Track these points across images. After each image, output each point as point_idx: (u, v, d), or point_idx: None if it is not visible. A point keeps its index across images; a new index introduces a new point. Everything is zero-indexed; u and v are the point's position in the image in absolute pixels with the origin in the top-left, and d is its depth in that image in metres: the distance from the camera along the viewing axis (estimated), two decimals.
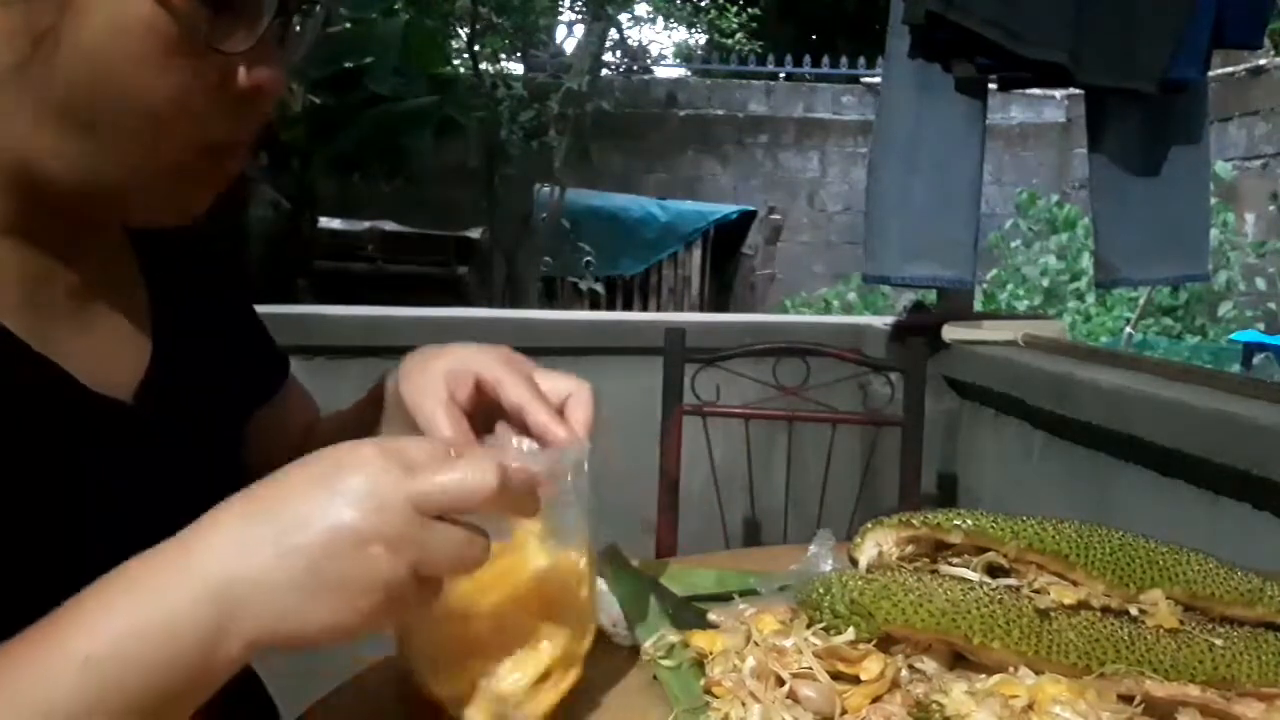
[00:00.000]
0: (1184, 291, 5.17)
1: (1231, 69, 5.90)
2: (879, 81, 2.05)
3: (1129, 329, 5.01)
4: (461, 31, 7.37)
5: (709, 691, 0.61)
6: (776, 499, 1.78)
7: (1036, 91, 7.61)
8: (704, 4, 14.57)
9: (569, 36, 9.50)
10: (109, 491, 0.58)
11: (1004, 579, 0.65)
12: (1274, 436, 1.21)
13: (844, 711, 0.56)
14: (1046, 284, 5.53)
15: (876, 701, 0.57)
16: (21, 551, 0.52)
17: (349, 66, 5.92)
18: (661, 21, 14.73)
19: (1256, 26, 1.67)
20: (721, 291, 7.84)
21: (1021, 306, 5.39)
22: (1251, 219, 5.86)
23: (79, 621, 0.45)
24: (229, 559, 0.46)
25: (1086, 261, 5.32)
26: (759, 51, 9.38)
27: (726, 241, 7.73)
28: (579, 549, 0.61)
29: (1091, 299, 5.36)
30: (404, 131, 6.13)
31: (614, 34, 8.23)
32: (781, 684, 0.57)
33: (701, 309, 7.46)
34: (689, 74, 9.95)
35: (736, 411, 1.64)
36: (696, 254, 7.65)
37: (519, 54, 8.39)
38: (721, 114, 8.22)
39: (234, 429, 0.73)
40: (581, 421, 0.65)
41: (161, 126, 0.52)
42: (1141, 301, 5.17)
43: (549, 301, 7.14)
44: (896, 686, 0.59)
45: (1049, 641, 0.61)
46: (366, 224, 7.04)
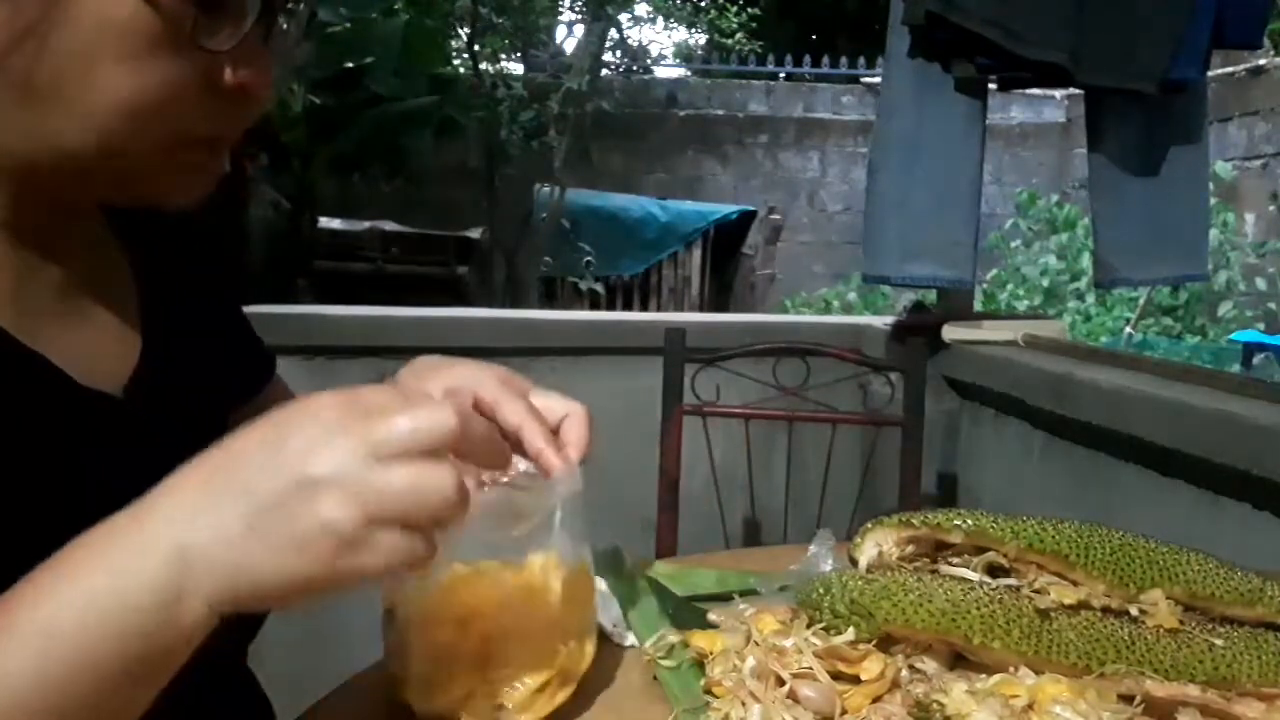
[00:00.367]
0: (1184, 291, 5.17)
1: (1231, 69, 5.90)
2: (879, 81, 2.05)
3: (1129, 329, 5.01)
4: (461, 31, 7.37)
5: (709, 691, 0.61)
6: (776, 499, 1.78)
7: (1036, 91, 7.61)
8: (704, 4, 14.57)
9: (569, 36, 9.52)
10: (99, 486, 0.58)
11: (1004, 579, 0.65)
12: (1274, 436, 1.21)
13: (844, 711, 0.56)
14: (1046, 284, 5.53)
15: (876, 701, 0.57)
16: (10, 545, 0.52)
17: (349, 66, 5.92)
18: (661, 21, 14.73)
19: (1256, 26, 1.67)
20: (721, 291, 7.83)
21: (1021, 306, 5.39)
22: (1251, 219, 5.86)
23: (37, 592, 0.45)
24: (182, 521, 0.46)
25: (1086, 261, 5.32)
26: (759, 51, 9.38)
27: (726, 241, 7.73)
28: (573, 570, 0.61)
29: (1091, 299, 5.36)
30: (404, 131, 6.13)
31: (614, 34, 8.23)
32: (781, 684, 0.57)
33: (701, 309, 7.46)
34: (689, 74, 9.95)
35: (736, 411, 1.64)
36: (696, 254, 7.65)
37: (519, 54, 8.39)
38: (721, 114, 8.22)
39: (219, 426, 0.73)
40: (576, 443, 0.66)
41: (145, 122, 0.52)
42: (1141, 301, 5.17)
43: (549, 301, 7.15)
44: (896, 686, 0.59)
45: (1049, 641, 0.61)
46: (366, 224, 7.05)
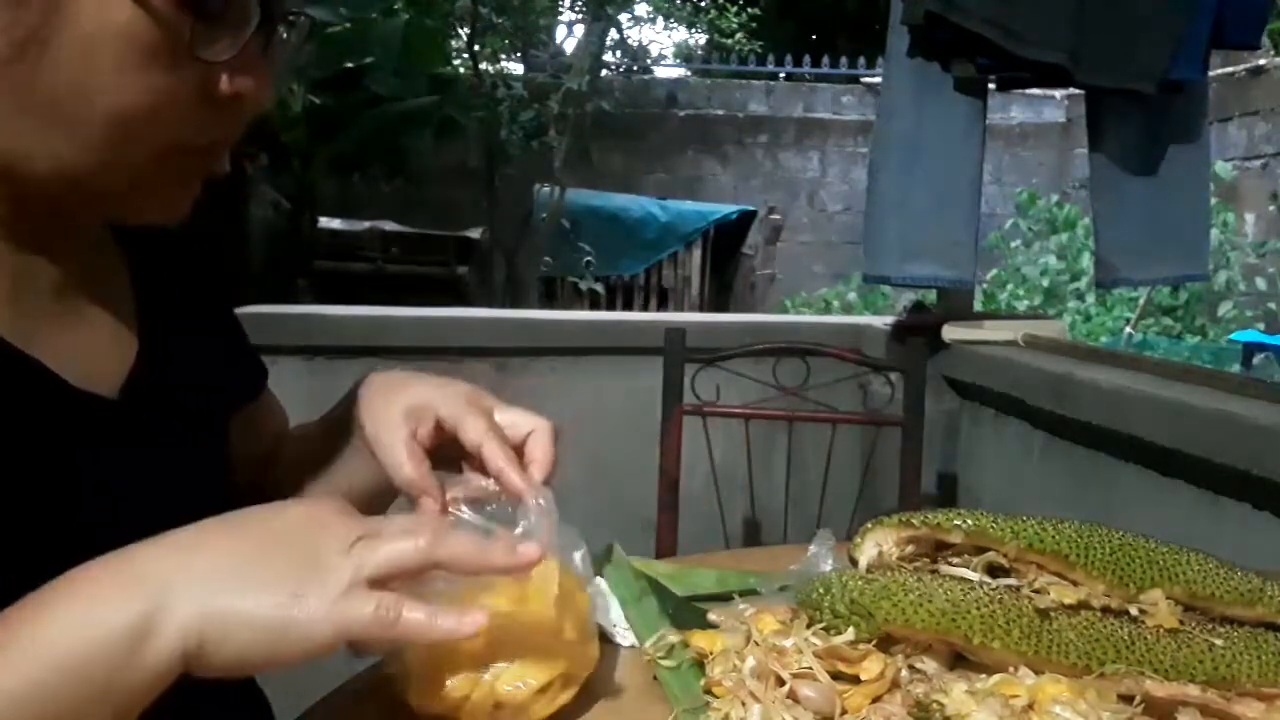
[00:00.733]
0: (1184, 291, 5.17)
1: (1231, 69, 5.90)
2: (879, 81, 2.05)
3: (1129, 329, 5.01)
4: (461, 31, 7.37)
5: (709, 691, 0.61)
6: (776, 499, 1.78)
7: (1036, 91, 7.61)
8: (704, 4, 14.56)
9: (569, 36, 9.52)
10: (95, 487, 0.58)
11: (1004, 579, 0.65)
12: (1274, 436, 1.21)
13: (844, 711, 0.56)
14: (1046, 284, 5.53)
15: (876, 701, 0.57)
16: (6, 547, 0.52)
17: (349, 66, 5.91)
18: (661, 21, 14.73)
19: (1256, 26, 1.67)
20: (721, 291, 7.83)
21: (1021, 306, 5.39)
22: (1251, 219, 5.86)
23: (20, 612, 0.47)
24: (168, 560, 0.49)
25: (1086, 261, 5.32)
26: (759, 51, 9.38)
27: (726, 241, 7.73)
28: (566, 575, 0.61)
29: (1091, 299, 5.36)
30: (404, 131, 6.13)
31: (614, 34, 8.23)
32: (781, 684, 0.57)
33: (701, 309, 7.46)
34: (689, 74, 9.94)
35: (736, 411, 1.64)
36: (696, 254, 7.64)
37: (519, 54, 8.39)
38: (721, 114, 8.22)
39: (219, 426, 0.73)
40: (541, 461, 0.66)
41: (141, 130, 0.52)
42: (1141, 301, 5.17)
43: (549, 301, 7.14)
44: (896, 686, 0.59)
45: (1049, 641, 0.61)
46: (366, 224, 7.05)
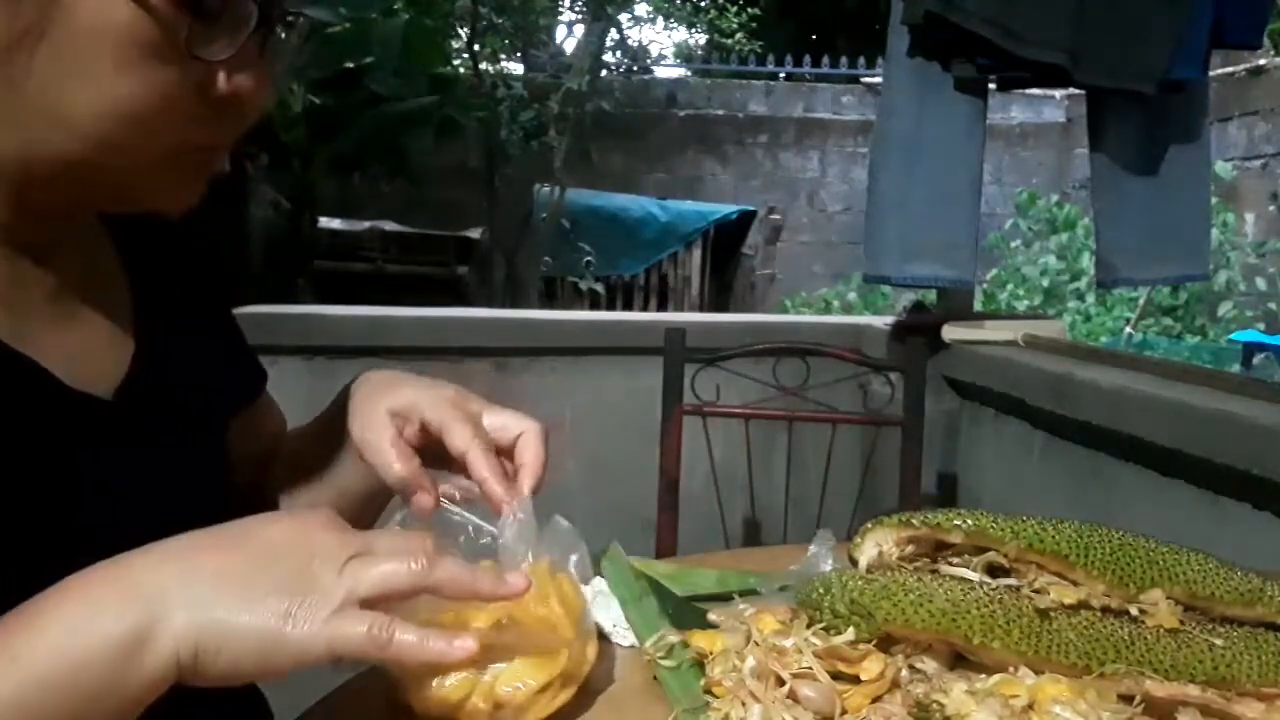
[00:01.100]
0: (1184, 291, 5.17)
1: (1231, 69, 5.90)
2: (879, 81, 2.05)
3: (1129, 329, 5.01)
4: (461, 31, 7.36)
5: (709, 691, 0.61)
6: (776, 499, 1.78)
7: (1036, 91, 7.61)
8: (704, 4, 14.56)
9: (569, 36, 9.52)
10: (92, 488, 0.58)
11: (1004, 579, 0.65)
12: (1274, 436, 1.21)
13: (844, 711, 0.56)
14: (1046, 284, 5.53)
15: (876, 701, 0.57)
16: (4, 548, 0.52)
17: (349, 66, 5.91)
18: (661, 21, 14.73)
19: (1256, 26, 1.67)
20: (721, 291, 7.83)
21: (1021, 306, 5.39)
22: (1251, 219, 5.86)
23: (18, 617, 0.47)
24: (166, 571, 0.49)
25: (1086, 261, 5.32)
26: (759, 51, 9.38)
27: (726, 241, 7.72)
28: (563, 576, 0.63)
29: (1091, 299, 5.36)
30: (404, 131, 6.12)
31: (614, 34, 8.22)
32: (781, 684, 0.57)
33: (701, 309, 7.45)
34: (689, 74, 9.94)
35: (736, 411, 1.64)
36: (696, 254, 7.64)
37: (519, 54, 8.39)
38: (721, 114, 8.21)
39: (218, 427, 0.73)
40: (530, 464, 0.66)
41: (138, 129, 0.52)
42: (1141, 301, 5.17)
43: (549, 301, 7.14)
44: (896, 686, 0.59)
45: (1049, 641, 0.61)
46: (366, 224, 7.04)
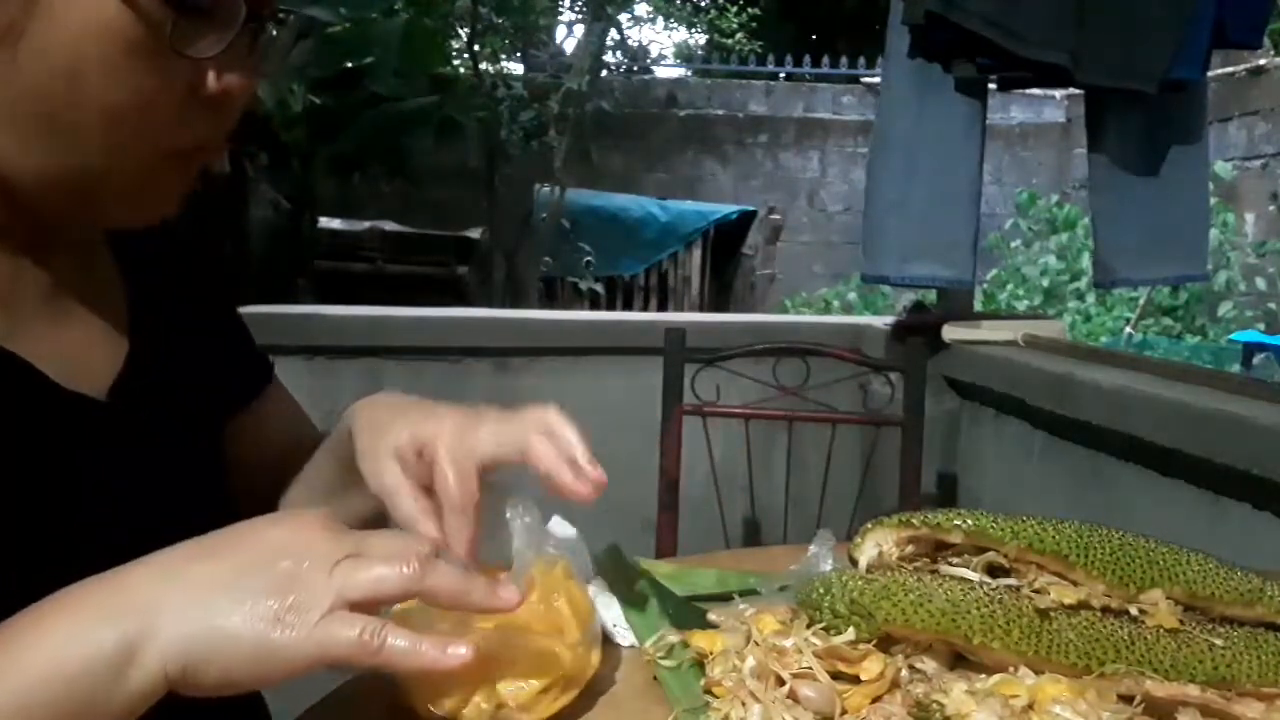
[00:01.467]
0: (1184, 291, 5.16)
1: (1231, 69, 5.89)
2: (879, 81, 2.05)
3: (1129, 329, 5.01)
4: (461, 31, 7.36)
5: (709, 691, 0.61)
6: (776, 499, 1.78)
7: (1036, 91, 7.61)
8: (704, 4, 14.56)
9: (569, 36, 9.52)
10: (88, 488, 0.58)
11: (1004, 579, 0.65)
12: (1274, 436, 1.21)
13: (844, 711, 0.56)
14: (1046, 284, 5.53)
15: (876, 701, 0.57)
16: (3, 548, 0.52)
17: (349, 66, 5.91)
18: (661, 21, 14.74)
19: (1256, 26, 1.67)
20: (721, 291, 7.83)
21: (1021, 306, 5.39)
22: (1251, 219, 5.86)
23: (5, 635, 0.46)
24: (156, 582, 0.47)
25: (1086, 261, 5.31)
26: (759, 51, 9.37)
27: (726, 241, 7.72)
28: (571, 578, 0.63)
29: (1091, 299, 5.36)
30: (404, 131, 6.12)
31: (614, 34, 8.22)
32: (781, 684, 0.57)
33: (701, 309, 7.45)
34: (689, 74, 9.94)
35: (736, 411, 1.64)
36: (696, 254, 7.63)
37: (519, 54, 8.39)
38: (721, 114, 8.21)
39: (214, 429, 0.72)
40: (551, 467, 0.61)
41: (127, 129, 0.52)
42: (1141, 301, 5.17)
43: (549, 301, 7.14)
44: (896, 686, 0.59)
45: (1049, 641, 0.61)
46: (366, 224, 7.04)
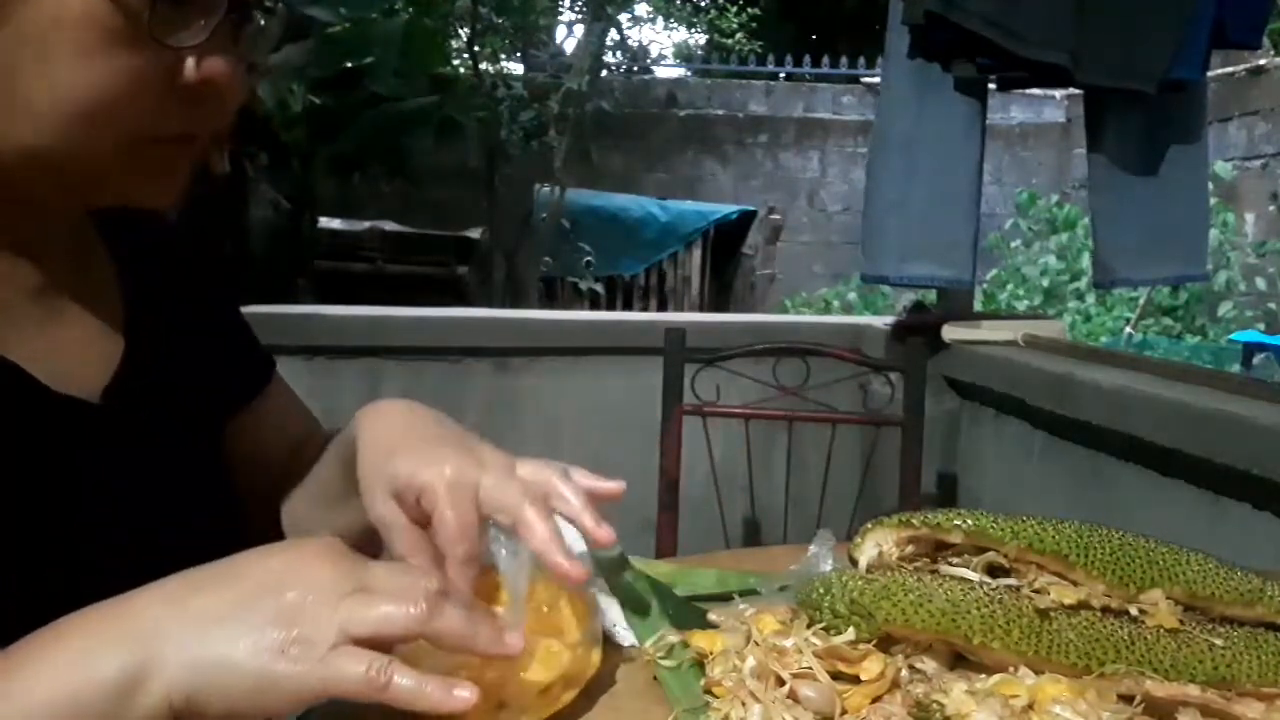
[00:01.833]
0: (1184, 291, 5.17)
1: (1231, 69, 5.89)
2: (879, 81, 2.05)
3: (1129, 329, 5.01)
4: (461, 31, 7.36)
5: (709, 691, 0.60)
6: (776, 499, 1.78)
7: (1036, 91, 7.61)
8: (704, 4, 14.56)
9: (569, 36, 9.52)
10: (85, 490, 0.58)
11: (1004, 579, 0.65)
12: (1274, 436, 1.21)
13: (844, 711, 0.56)
14: (1046, 284, 5.53)
15: (876, 701, 0.57)
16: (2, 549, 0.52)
17: (349, 66, 5.91)
18: (661, 21, 14.74)
19: (1256, 27, 1.67)
20: (721, 291, 7.83)
21: (1021, 306, 5.39)
22: (1251, 219, 5.86)
23: (17, 654, 0.46)
24: (160, 610, 0.47)
25: (1086, 261, 5.31)
26: (759, 51, 9.37)
27: (726, 241, 7.72)
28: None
29: (1091, 299, 5.36)
30: (404, 131, 6.12)
31: (614, 34, 8.22)
32: (781, 684, 0.57)
33: (701, 309, 7.45)
34: (689, 74, 9.94)
35: (736, 411, 1.64)
36: (696, 254, 7.63)
37: (519, 54, 8.39)
38: (721, 114, 8.21)
39: (214, 428, 0.72)
40: (542, 542, 0.58)
41: (107, 118, 0.51)
42: (1141, 301, 5.17)
43: (549, 301, 7.14)
44: (896, 686, 0.59)
45: (1049, 641, 0.61)
46: (366, 224, 7.04)
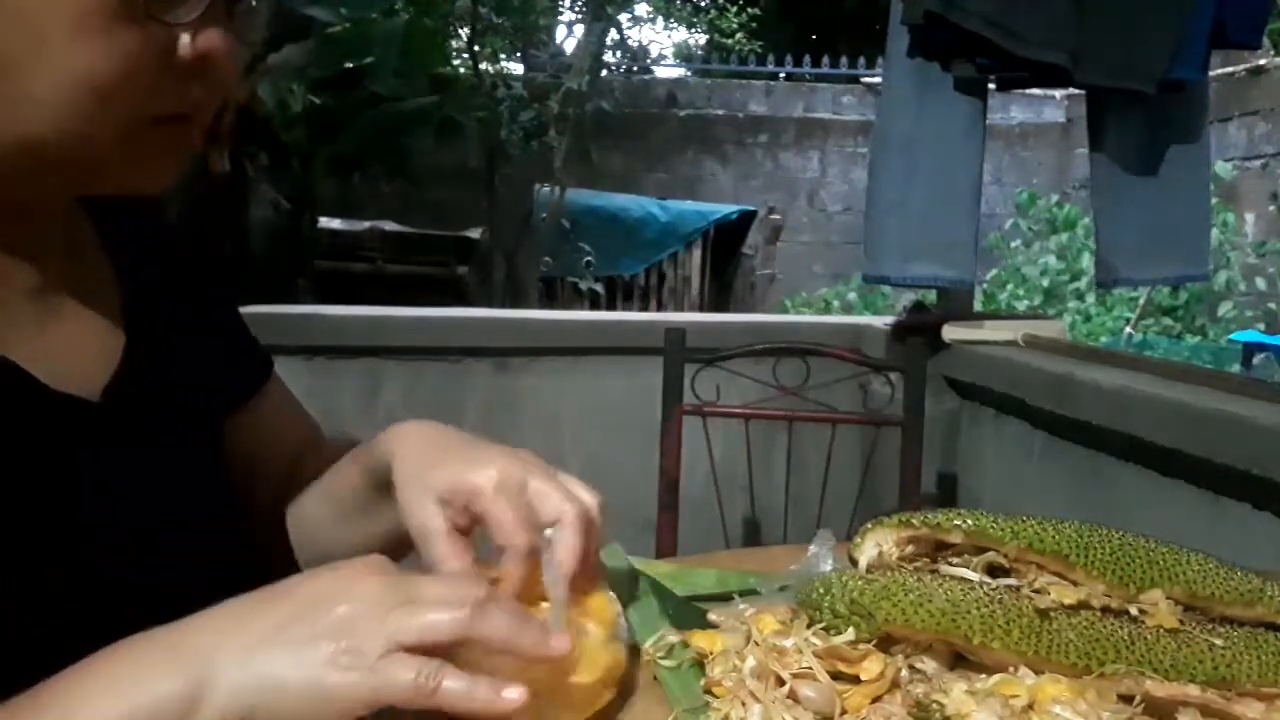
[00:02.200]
0: (1184, 291, 5.17)
1: (1231, 69, 5.89)
2: (879, 81, 2.05)
3: (1129, 329, 5.01)
4: (461, 31, 7.37)
5: (709, 691, 0.60)
6: (776, 499, 1.78)
7: (1036, 91, 7.61)
8: (704, 4, 14.57)
9: (569, 36, 9.54)
10: (80, 490, 0.57)
11: (1004, 579, 0.65)
12: (1274, 436, 1.21)
13: (844, 711, 0.56)
14: (1046, 284, 5.53)
15: (876, 701, 0.57)
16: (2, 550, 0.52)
17: (349, 66, 5.91)
18: (661, 21, 14.75)
19: (1256, 26, 1.67)
20: (721, 291, 7.83)
21: (1021, 306, 5.39)
22: (1251, 219, 5.86)
23: (65, 684, 0.45)
24: (211, 633, 0.48)
25: (1086, 261, 5.32)
26: (759, 51, 9.38)
27: (726, 241, 7.72)
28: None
29: (1091, 299, 5.36)
30: (404, 131, 6.12)
31: (614, 34, 8.23)
32: (781, 684, 0.57)
33: (701, 309, 7.45)
34: (689, 74, 9.94)
35: (736, 411, 1.64)
36: (696, 254, 7.63)
37: (519, 54, 8.39)
38: (721, 114, 8.21)
39: (213, 427, 0.72)
40: (561, 563, 0.59)
41: (103, 97, 0.51)
42: (1141, 301, 5.17)
43: (549, 301, 7.14)
44: (896, 686, 0.59)
45: (1049, 641, 0.61)
46: (366, 224, 7.04)
